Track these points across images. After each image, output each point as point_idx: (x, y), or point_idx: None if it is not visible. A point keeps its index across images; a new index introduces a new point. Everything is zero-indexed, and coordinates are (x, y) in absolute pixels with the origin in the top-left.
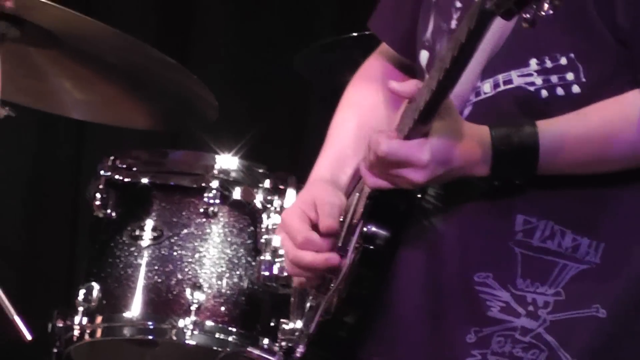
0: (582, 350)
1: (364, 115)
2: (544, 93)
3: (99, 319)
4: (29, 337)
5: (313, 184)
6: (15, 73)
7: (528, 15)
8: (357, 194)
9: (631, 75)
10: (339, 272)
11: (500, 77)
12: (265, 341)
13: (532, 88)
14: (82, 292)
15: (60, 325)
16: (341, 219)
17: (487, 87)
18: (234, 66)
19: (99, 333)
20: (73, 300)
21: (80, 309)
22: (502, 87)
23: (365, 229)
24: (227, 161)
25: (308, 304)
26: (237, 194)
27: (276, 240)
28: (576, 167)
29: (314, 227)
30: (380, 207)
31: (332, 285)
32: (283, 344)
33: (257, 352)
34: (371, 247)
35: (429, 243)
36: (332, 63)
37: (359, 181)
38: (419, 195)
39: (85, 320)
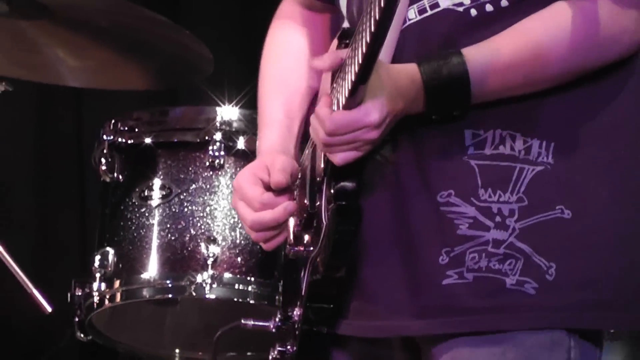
0: (555, 254)
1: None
2: (473, 12)
3: (117, 283)
4: (48, 309)
5: (264, 154)
6: (8, 47)
7: None
8: (310, 149)
9: None
10: (319, 232)
11: (426, 2)
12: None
13: (460, 9)
14: (97, 258)
15: (79, 293)
16: (299, 177)
17: (411, 14)
18: (226, 18)
19: (118, 297)
20: (89, 268)
21: (98, 275)
22: (429, 12)
23: (334, 186)
24: (228, 112)
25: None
26: (241, 143)
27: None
28: (511, 90)
29: (268, 189)
30: None
31: (312, 247)
32: (279, 313)
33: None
34: (344, 202)
35: (386, 176)
36: None
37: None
38: None
39: (103, 286)
